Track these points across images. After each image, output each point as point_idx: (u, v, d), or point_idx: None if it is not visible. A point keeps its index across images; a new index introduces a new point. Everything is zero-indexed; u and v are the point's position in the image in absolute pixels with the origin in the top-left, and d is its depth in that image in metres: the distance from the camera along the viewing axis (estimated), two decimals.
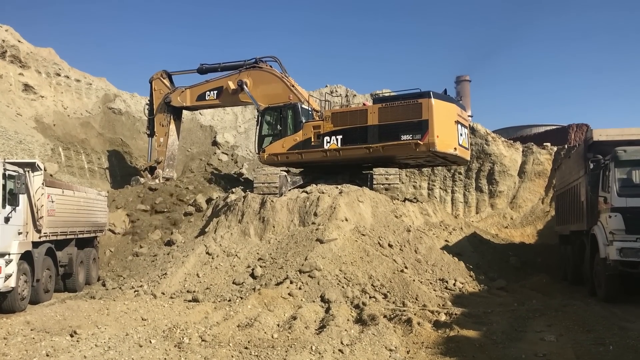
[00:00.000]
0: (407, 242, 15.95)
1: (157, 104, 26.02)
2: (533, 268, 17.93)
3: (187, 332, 9.55)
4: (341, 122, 19.45)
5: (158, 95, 26.01)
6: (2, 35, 27.08)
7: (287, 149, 20.28)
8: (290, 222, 16.62)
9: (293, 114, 20.49)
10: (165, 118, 25.89)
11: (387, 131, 18.52)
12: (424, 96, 18.19)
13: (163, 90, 25.92)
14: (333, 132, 19.39)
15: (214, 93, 24.47)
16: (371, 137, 18.76)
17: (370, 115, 18.91)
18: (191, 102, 25.39)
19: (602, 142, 13.87)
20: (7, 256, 11.73)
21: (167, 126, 25.87)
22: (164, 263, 15.89)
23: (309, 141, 19.89)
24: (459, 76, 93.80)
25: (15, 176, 12.17)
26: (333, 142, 19.36)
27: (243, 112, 32.68)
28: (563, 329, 9.90)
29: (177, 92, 25.56)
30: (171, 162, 26.24)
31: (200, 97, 24.98)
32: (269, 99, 22.08)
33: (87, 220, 17.03)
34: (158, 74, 26.23)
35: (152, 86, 26.25)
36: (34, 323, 10.40)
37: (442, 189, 27.75)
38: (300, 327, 9.84)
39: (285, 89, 22.24)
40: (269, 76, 23.00)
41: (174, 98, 25.56)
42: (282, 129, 20.61)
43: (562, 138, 32.95)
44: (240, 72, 23.56)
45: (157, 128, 26.11)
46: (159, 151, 25.95)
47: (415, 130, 18.06)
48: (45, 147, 24.64)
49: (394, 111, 18.57)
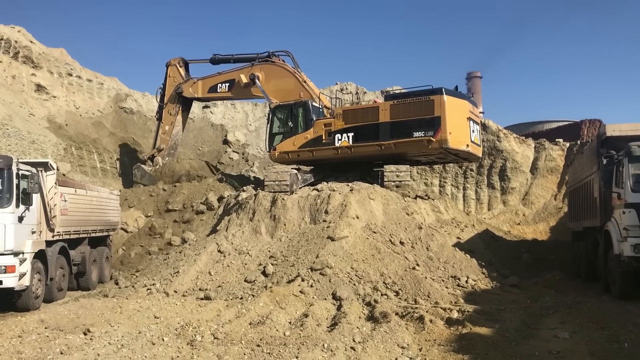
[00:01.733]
0: (418, 239, 15.90)
1: (169, 91, 26.01)
2: (546, 265, 17.81)
3: (199, 329, 9.58)
4: (352, 119, 19.40)
5: (172, 83, 25.98)
6: (15, 36, 27.31)
7: (298, 147, 20.25)
8: (301, 219, 16.62)
9: (304, 112, 20.43)
10: (174, 107, 25.87)
11: (399, 128, 18.44)
12: (436, 92, 18.05)
13: (177, 78, 25.89)
14: (344, 130, 19.35)
15: (225, 85, 24.43)
16: (383, 134, 18.68)
17: (382, 113, 18.83)
18: (202, 94, 25.37)
19: (616, 137, 13.73)
20: (21, 255, 11.84)
21: (174, 116, 25.87)
22: (176, 261, 15.95)
23: (320, 139, 19.85)
24: (470, 72, 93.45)
25: (28, 176, 12.28)
26: (344, 139, 19.31)
27: (254, 111, 32.75)
28: (577, 326, 9.82)
29: (189, 83, 25.55)
30: (172, 151, 26.27)
31: (212, 89, 24.96)
32: (281, 94, 22.05)
33: (100, 219, 17.13)
34: (175, 60, 26.14)
35: (168, 72, 26.20)
36: (48, 321, 10.48)
37: (454, 186, 27.63)
38: (312, 325, 9.84)
39: (297, 84, 22.19)
40: (282, 71, 22.94)
41: (186, 89, 25.55)
42: (293, 126, 20.54)
43: (575, 134, 32.72)
44: (253, 66, 23.51)
45: (164, 115, 26.14)
46: (162, 139, 26.04)
47: (427, 127, 17.97)
48: (58, 146, 24.82)
49: (406, 108, 18.44)
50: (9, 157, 12.13)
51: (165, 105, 26.10)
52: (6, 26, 27.68)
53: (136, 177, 25.63)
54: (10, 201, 11.66)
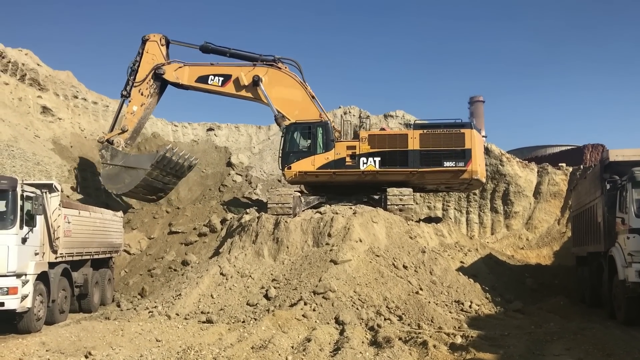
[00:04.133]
0: (422, 263, 15.84)
1: (145, 69, 23.04)
2: (550, 290, 17.71)
3: (201, 353, 9.52)
4: (379, 144, 19.53)
5: (149, 60, 23.08)
6: (22, 59, 27.61)
7: (317, 167, 19.76)
8: (304, 242, 16.60)
9: (324, 132, 20.01)
10: (149, 88, 23.02)
11: (429, 157, 19.17)
12: (465, 126, 19.45)
13: (157, 57, 23.10)
14: (370, 154, 19.43)
15: (219, 79, 22.49)
16: (412, 161, 19.21)
17: (411, 140, 19.33)
18: (189, 82, 22.90)
19: (619, 162, 13.77)
20: (24, 277, 11.85)
21: (147, 97, 23.07)
22: (178, 284, 15.91)
23: (343, 161, 19.65)
24: (472, 97, 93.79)
25: (32, 197, 12.34)
26: (370, 163, 19.41)
27: (257, 133, 32.87)
28: (582, 353, 9.73)
29: (174, 65, 23.03)
30: (135, 135, 23.99)
31: (202, 79, 22.72)
32: (285, 104, 21.51)
33: (103, 240, 17.15)
34: (156, 37, 23.37)
35: (146, 47, 23.20)
36: (49, 344, 10.43)
37: (457, 210, 27.58)
38: (315, 350, 9.77)
39: (306, 97, 21.59)
40: (289, 80, 22.06)
41: (169, 71, 22.95)
42: (312, 146, 20.02)
43: (578, 158, 32.69)
44: (255, 67, 22.25)
45: (134, 94, 23.08)
46: (128, 119, 23.19)
47: (458, 158, 19.02)
48: (62, 168, 24.91)
49: (436, 138, 19.25)
50: (14, 179, 12.21)
51: (138, 83, 22.98)
52: (14, 49, 28.00)
53: (105, 159, 22.99)
54: (14, 222, 11.71)
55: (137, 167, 22.46)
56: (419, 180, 19.74)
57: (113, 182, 22.93)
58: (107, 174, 23.01)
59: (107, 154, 22.80)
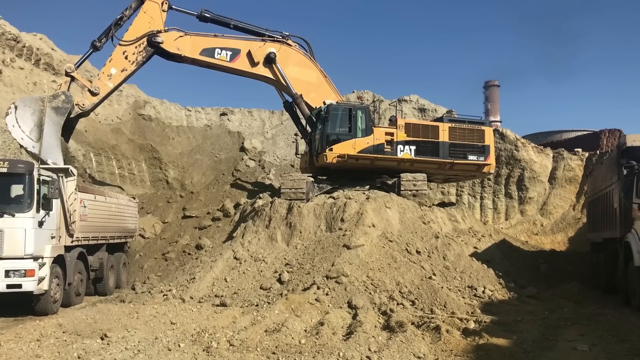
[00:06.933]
0: (435, 248, 15.82)
1: (139, 29, 19.58)
2: (564, 276, 17.61)
3: (215, 336, 9.61)
4: (414, 133, 19.68)
5: (144, 22, 19.65)
6: (37, 43, 27.75)
7: (357, 151, 19.21)
8: (317, 227, 16.62)
9: (365, 116, 19.49)
10: (136, 54, 19.52)
11: (456, 149, 20.05)
12: (484, 124, 21.22)
13: (156, 23, 19.71)
14: (407, 142, 19.52)
15: (227, 54, 20.19)
16: (442, 152, 19.93)
17: (442, 132, 19.96)
18: (192, 54, 20.15)
19: (636, 147, 13.63)
20: (41, 259, 12.01)
21: (131, 63, 19.53)
22: (192, 268, 16.03)
23: (382, 147, 19.35)
24: (487, 81, 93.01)
25: (49, 181, 12.45)
26: (407, 151, 19.52)
27: (270, 118, 32.85)
28: (596, 339, 9.69)
29: (173, 34, 19.91)
30: (100, 103, 20.15)
31: (208, 52, 20.17)
32: (300, 85, 20.64)
33: (118, 225, 17.29)
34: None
35: (144, 6, 19.73)
36: (66, 326, 10.56)
37: (471, 195, 27.45)
38: (328, 333, 9.82)
39: (321, 78, 20.87)
40: (302, 59, 20.81)
41: (168, 40, 19.79)
42: (352, 129, 19.37)
43: (594, 144, 32.32)
44: (265, 43, 20.57)
45: (117, 56, 19.42)
46: (102, 80, 19.33)
47: (480, 152, 20.32)
48: (77, 152, 25.09)
49: (462, 132, 20.24)
50: (31, 163, 12.33)
51: (125, 43, 19.43)
52: (28, 34, 28.16)
53: (52, 107, 17.81)
54: (31, 206, 11.83)
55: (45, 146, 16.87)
56: (448, 171, 20.53)
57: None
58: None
59: (60, 103, 17.97)
